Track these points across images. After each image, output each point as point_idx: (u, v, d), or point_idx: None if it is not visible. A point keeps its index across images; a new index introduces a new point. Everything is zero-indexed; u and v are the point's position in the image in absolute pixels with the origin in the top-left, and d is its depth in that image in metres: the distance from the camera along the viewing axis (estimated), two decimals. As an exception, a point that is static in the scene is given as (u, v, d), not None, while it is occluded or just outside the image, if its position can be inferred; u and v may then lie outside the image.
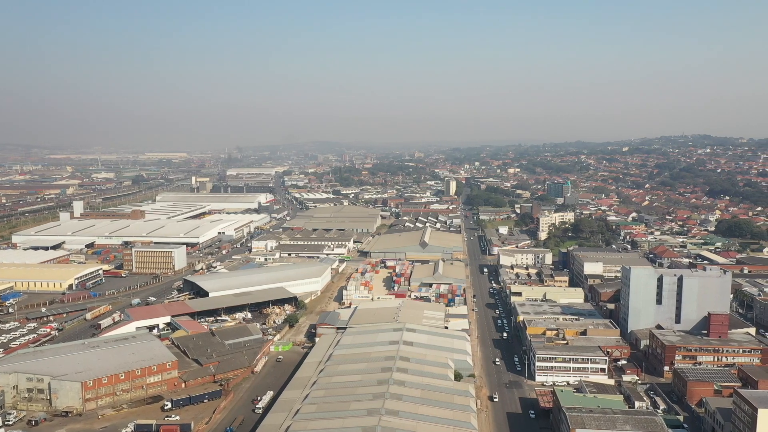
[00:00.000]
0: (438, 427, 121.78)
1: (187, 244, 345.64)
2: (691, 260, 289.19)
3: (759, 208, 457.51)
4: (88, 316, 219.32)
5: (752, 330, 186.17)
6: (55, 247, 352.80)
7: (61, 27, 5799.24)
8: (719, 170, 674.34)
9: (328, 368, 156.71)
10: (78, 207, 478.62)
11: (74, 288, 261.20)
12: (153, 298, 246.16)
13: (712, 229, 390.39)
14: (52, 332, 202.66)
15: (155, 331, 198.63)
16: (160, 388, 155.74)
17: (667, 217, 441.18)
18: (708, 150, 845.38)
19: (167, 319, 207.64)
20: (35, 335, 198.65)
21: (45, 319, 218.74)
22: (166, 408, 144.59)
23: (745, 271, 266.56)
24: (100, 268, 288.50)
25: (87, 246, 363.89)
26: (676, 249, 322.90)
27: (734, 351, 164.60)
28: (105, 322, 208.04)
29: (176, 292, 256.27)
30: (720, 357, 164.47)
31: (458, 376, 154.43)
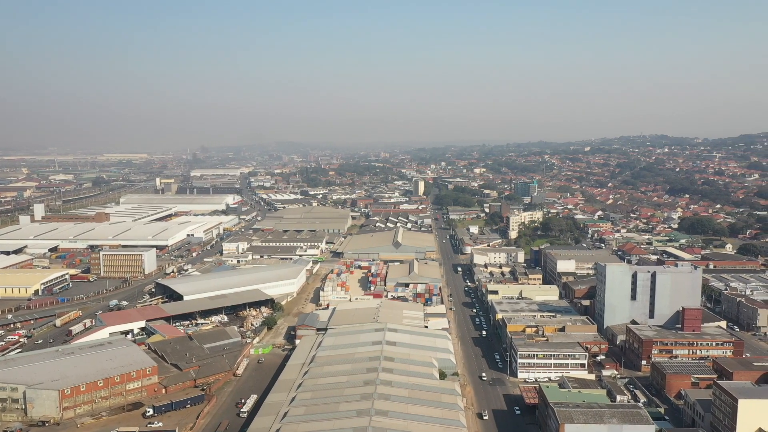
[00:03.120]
0: (428, 426, 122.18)
1: (156, 247, 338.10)
2: (658, 257, 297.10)
3: (718, 206, 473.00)
4: (58, 322, 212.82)
5: (723, 323, 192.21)
6: (16, 252, 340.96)
7: (12, 21, 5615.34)
8: (678, 169, 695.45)
9: (313, 370, 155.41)
10: (39, 210, 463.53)
11: (40, 293, 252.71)
12: (125, 303, 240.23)
13: (676, 226, 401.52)
14: (21, 339, 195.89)
15: (130, 336, 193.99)
16: (140, 395, 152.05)
17: (632, 215, 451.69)
18: (666, 150, 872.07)
19: (142, 323, 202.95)
20: (3, 343, 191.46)
21: (12, 326, 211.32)
22: (147, 414, 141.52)
23: (711, 267, 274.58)
24: (67, 273, 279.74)
25: (50, 250, 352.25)
26: (642, 246, 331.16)
27: (708, 344, 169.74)
28: (76, 328, 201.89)
29: (148, 296, 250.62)
30: (695, 350, 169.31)
31: (443, 375, 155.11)
